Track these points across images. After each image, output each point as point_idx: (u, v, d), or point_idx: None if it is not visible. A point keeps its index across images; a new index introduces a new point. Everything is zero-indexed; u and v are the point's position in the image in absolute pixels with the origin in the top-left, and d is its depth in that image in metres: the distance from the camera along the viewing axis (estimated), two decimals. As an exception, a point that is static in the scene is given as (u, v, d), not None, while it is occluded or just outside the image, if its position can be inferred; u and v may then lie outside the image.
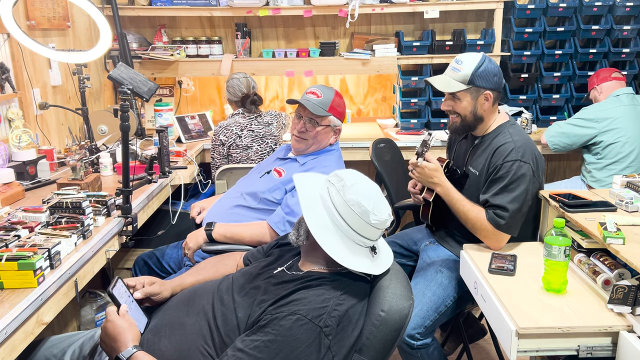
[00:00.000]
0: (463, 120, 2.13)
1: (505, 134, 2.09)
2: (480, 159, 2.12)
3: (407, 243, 2.39)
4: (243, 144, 3.05)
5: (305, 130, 2.26)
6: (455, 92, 2.09)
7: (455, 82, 2.09)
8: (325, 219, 1.44)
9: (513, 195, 1.99)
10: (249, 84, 3.16)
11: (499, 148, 2.05)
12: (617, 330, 1.57)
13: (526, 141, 2.07)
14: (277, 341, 1.29)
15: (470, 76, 2.06)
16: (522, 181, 1.99)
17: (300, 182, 1.53)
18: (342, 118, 2.32)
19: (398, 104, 3.90)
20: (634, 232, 1.81)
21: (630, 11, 3.72)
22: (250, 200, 2.26)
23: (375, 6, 3.65)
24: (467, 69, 2.06)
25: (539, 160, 2.08)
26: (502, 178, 2.00)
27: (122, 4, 3.66)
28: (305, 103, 2.23)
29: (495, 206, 2.00)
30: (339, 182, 1.45)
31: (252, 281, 1.51)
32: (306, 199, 1.48)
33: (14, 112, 2.60)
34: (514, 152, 2.01)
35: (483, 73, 2.06)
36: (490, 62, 2.10)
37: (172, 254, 2.35)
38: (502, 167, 2.01)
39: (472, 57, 2.10)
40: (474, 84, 2.07)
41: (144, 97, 2.27)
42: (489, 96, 2.09)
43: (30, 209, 1.87)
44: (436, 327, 2.07)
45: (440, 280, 2.08)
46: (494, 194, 2.01)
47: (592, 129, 3.16)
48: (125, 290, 1.53)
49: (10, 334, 1.35)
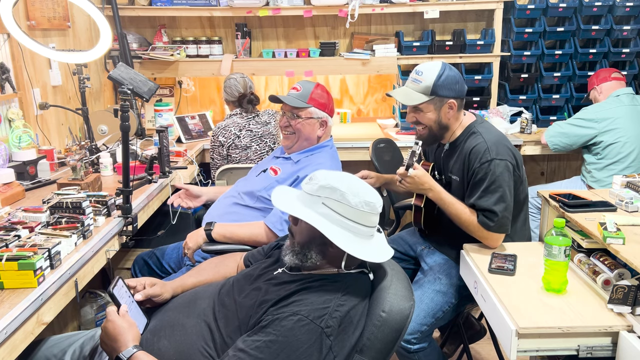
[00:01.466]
0: (430, 131, 2.10)
1: (475, 135, 2.07)
2: (456, 164, 2.10)
3: (404, 248, 2.37)
4: (242, 144, 3.05)
5: (288, 124, 2.28)
6: (418, 105, 2.06)
7: (417, 94, 2.05)
8: (324, 221, 1.43)
9: (496, 195, 1.97)
10: (245, 84, 3.16)
11: (472, 150, 2.02)
12: (617, 330, 1.57)
13: (498, 138, 2.05)
14: (278, 342, 1.29)
15: (432, 87, 2.02)
16: (502, 179, 1.98)
17: (280, 201, 1.50)
18: (325, 109, 2.30)
19: (398, 104, 3.90)
20: (634, 232, 1.81)
21: (630, 11, 3.73)
22: (247, 199, 2.26)
23: (375, 6, 3.65)
24: (428, 80, 2.03)
25: (515, 154, 2.06)
26: (482, 180, 1.99)
27: (122, 4, 3.66)
28: (284, 98, 2.26)
29: (482, 209, 2.00)
30: (332, 193, 1.41)
31: (253, 282, 1.51)
32: (298, 211, 1.45)
33: (14, 112, 2.60)
34: (487, 152, 1.99)
35: (445, 82, 2.03)
36: (451, 70, 2.06)
37: (172, 254, 2.35)
38: (480, 169, 1.99)
39: (431, 66, 2.06)
40: (437, 94, 2.03)
41: (144, 97, 2.27)
42: (452, 105, 2.06)
43: (30, 209, 1.87)
44: (432, 332, 2.07)
45: (438, 288, 2.08)
46: (477, 198, 2.00)
47: (592, 129, 3.16)
48: (126, 291, 1.53)
49: (10, 334, 1.35)
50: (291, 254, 1.48)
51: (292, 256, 1.48)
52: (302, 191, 1.49)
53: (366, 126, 4.03)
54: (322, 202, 1.42)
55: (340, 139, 3.46)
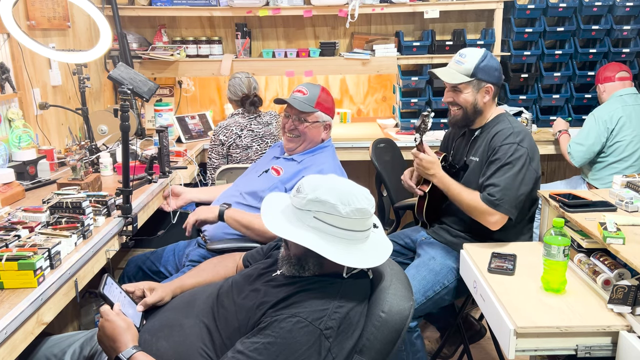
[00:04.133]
0: (464, 113, 2.19)
1: (504, 121, 2.18)
2: (480, 147, 2.18)
3: (405, 241, 2.41)
4: (243, 143, 3.05)
5: (294, 128, 2.29)
6: (457, 84, 2.15)
7: (459, 74, 2.17)
8: (315, 238, 1.39)
9: (507, 174, 2.04)
10: (250, 85, 3.17)
11: (498, 133, 2.13)
12: (616, 330, 1.57)
13: (525, 129, 2.15)
14: (277, 343, 1.29)
15: (473, 69, 2.14)
16: (517, 162, 2.05)
17: (269, 221, 1.46)
18: (330, 113, 2.33)
19: (398, 104, 3.90)
20: (634, 232, 1.81)
21: (630, 11, 3.72)
22: (250, 199, 2.26)
23: (375, 6, 3.65)
24: (470, 62, 2.14)
25: (535, 150, 2.14)
26: (499, 159, 2.07)
27: (122, 4, 3.66)
28: (292, 102, 2.26)
29: (488, 185, 2.06)
30: (322, 206, 1.38)
31: (252, 283, 1.50)
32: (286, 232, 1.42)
33: (14, 112, 2.60)
34: (512, 136, 2.09)
35: (485, 67, 2.14)
36: (492, 58, 2.19)
37: (169, 257, 2.35)
38: (500, 149, 2.08)
39: (475, 51, 2.18)
40: (476, 76, 2.14)
41: (144, 97, 2.27)
42: (489, 89, 2.16)
43: (30, 209, 1.87)
44: (424, 314, 2.11)
45: (431, 267, 2.13)
46: (489, 175, 2.08)
47: (606, 130, 3.16)
48: (117, 287, 1.52)
49: (10, 334, 1.35)
50: (288, 265, 1.46)
51: (289, 267, 1.45)
52: (291, 204, 1.45)
53: (366, 126, 4.03)
54: (313, 216, 1.39)
55: (340, 139, 3.47)
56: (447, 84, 2.21)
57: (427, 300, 2.06)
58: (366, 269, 1.50)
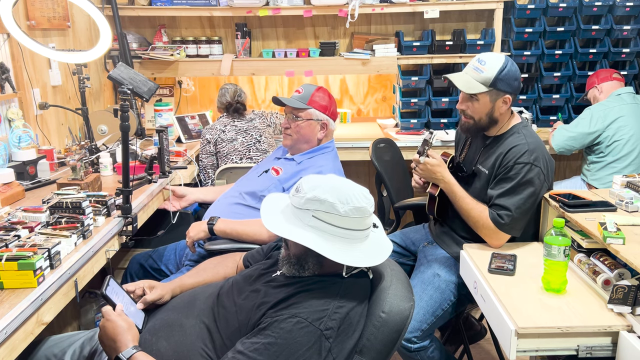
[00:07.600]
0: (476, 123, 2.10)
1: (519, 134, 2.07)
2: (491, 158, 2.10)
3: (405, 243, 2.39)
4: (227, 137, 3.18)
5: (288, 125, 2.32)
6: (475, 94, 2.04)
7: (477, 83, 2.03)
8: (314, 237, 1.40)
9: (519, 197, 1.99)
10: (235, 93, 3.30)
11: (513, 148, 2.03)
12: (616, 330, 1.57)
13: (538, 144, 2.05)
14: (277, 344, 1.29)
15: (493, 79, 2.00)
16: (530, 185, 2.00)
17: (268, 220, 1.46)
18: (326, 111, 2.32)
19: (398, 104, 3.90)
20: (634, 232, 1.81)
21: (630, 11, 3.73)
22: (249, 199, 2.26)
23: (375, 6, 3.65)
24: (490, 71, 2.01)
25: (550, 164, 2.07)
26: (511, 179, 2.00)
27: (122, 4, 3.66)
28: (285, 100, 2.32)
29: (499, 206, 2.01)
30: (321, 205, 1.39)
31: (252, 284, 1.50)
32: (285, 231, 1.42)
33: (14, 112, 2.60)
34: (527, 154, 2.00)
35: (506, 77, 2.01)
36: (513, 65, 2.04)
37: (170, 256, 2.35)
38: (514, 168, 2.00)
39: (496, 58, 2.03)
40: (496, 87, 2.02)
41: (144, 97, 2.27)
42: (507, 100, 2.05)
43: (30, 209, 1.87)
44: (434, 330, 2.07)
45: (437, 284, 2.08)
46: (500, 194, 2.01)
47: (599, 128, 3.16)
48: (119, 288, 1.52)
49: (10, 334, 1.35)
50: (288, 265, 1.46)
51: (289, 267, 1.45)
52: (291, 204, 1.46)
53: (366, 126, 4.03)
54: (312, 215, 1.39)
55: (340, 139, 3.46)
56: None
57: (437, 319, 2.03)
58: (366, 269, 1.50)
